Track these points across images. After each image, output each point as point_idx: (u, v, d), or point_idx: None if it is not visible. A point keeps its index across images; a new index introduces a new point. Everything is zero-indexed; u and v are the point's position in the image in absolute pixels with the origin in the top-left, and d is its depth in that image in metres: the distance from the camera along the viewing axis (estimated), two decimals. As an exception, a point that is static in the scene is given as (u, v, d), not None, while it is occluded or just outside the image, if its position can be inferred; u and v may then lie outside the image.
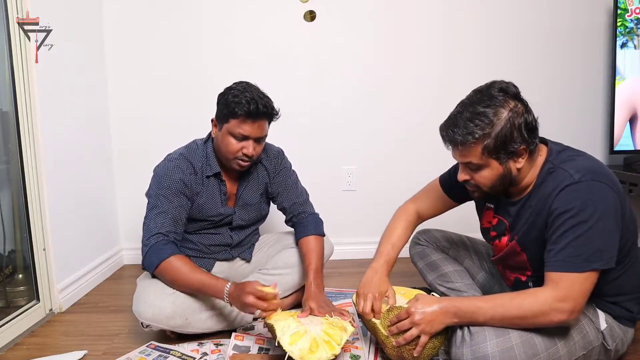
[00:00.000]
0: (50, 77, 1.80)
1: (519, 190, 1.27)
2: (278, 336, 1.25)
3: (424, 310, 1.21)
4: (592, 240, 1.11)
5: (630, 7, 2.26)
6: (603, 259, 1.12)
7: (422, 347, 1.22)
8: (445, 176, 1.53)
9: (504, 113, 1.15)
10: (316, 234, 1.68)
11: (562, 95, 2.40)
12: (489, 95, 1.18)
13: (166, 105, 2.31)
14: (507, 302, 1.17)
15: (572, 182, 1.14)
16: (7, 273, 1.76)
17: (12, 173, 1.74)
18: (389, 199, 2.43)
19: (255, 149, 1.53)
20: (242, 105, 1.46)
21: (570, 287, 1.11)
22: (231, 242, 1.71)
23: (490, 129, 1.15)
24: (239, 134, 1.49)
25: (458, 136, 1.17)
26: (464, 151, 1.20)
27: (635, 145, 2.32)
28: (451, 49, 2.36)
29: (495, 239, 1.37)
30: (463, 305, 1.21)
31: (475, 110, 1.17)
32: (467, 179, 1.26)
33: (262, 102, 1.49)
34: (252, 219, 1.73)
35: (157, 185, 1.54)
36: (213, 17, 2.29)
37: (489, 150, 1.17)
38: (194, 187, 1.57)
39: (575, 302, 1.11)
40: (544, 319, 1.14)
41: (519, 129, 1.16)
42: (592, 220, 1.10)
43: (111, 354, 1.47)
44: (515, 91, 1.19)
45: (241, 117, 1.47)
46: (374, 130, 2.39)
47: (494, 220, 1.37)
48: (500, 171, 1.20)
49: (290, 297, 1.71)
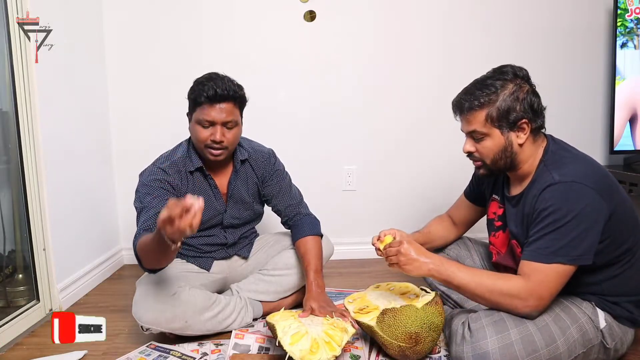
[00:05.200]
0: (50, 77, 1.80)
1: (519, 179, 1.33)
2: (279, 336, 1.25)
3: (409, 253, 1.30)
4: (564, 236, 1.16)
5: (630, 7, 2.26)
6: (570, 255, 1.16)
7: (389, 262, 1.34)
8: (467, 187, 1.61)
9: (510, 85, 1.25)
10: (313, 234, 1.67)
11: (562, 95, 2.40)
12: (500, 71, 1.28)
13: (166, 105, 2.31)
14: (484, 276, 1.25)
15: (552, 183, 1.20)
16: (7, 273, 1.76)
17: (12, 173, 1.74)
18: (389, 199, 2.45)
19: (224, 135, 1.51)
20: (203, 92, 1.47)
21: (539, 282, 1.17)
22: (226, 242, 1.71)
23: (495, 97, 1.24)
24: (204, 120, 1.49)
25: (465, 102, 1.27)
26: (468, 116, 1.28)
27: (635, 145, 2.32)
28: (451, 49, 2.37)
29: (499, 230, 1.42)
30: (445, 266, 1.28)
31: (484, 82, 1.27)
32: (472, 151, 1.32)
33: (224, 85, 1.48)
34: (245, 218, 1.72)
35: (141, 188, 1.51)
36: (213, 17, 2.29)
37: (492, 118, 1.24)
38: (181, 186, 1.56)
39: (540, 298, 1.17)
40: (507, 302, 1.20)
41: (522, 102, 1.24)
42: (566, 218, 1.15)
43: (111, 354, 1.47)
44: (525, 74, 1.28)
45: (204, 103, 1.48)
46: (374, 130, 2.39)
47: (499, 210, 1.42)
48: (502, 142, 1.26)
49: (291, 298, 1.72)
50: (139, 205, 1.49)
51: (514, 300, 1.19)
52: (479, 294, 1.23)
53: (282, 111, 2.35)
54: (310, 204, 1.81)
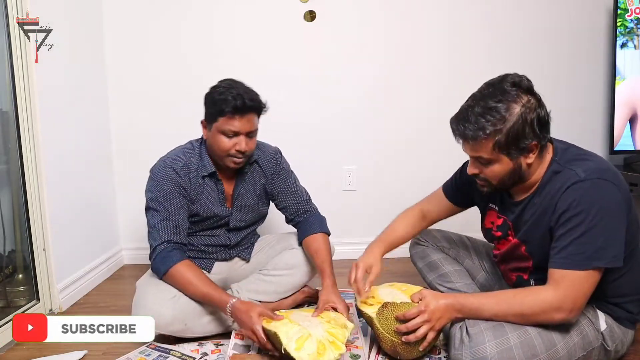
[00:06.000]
0: (50, 77, 1.80)
1: (525, 188, 1.27)
2: (284, 343, 1.23)
3: (433, 309, 1.22)
4: (595, 238, 1.11)
5: (630, 7, 2.26)
6: (606, 257, 1.12)
7: (428, 343, 1.25)
8: (448, 184, 1.54)
9: (517, 108, 1.14)
10: (323, 231, 1.70)
11: (562, 95, 2.40)
12: (502, 89, 1.16)
13: (166, 105, 2.31)
14: (510, 299, 1.19)
15: (578, 180, 1.14)
16: (7, 273, 1.76)
17: (12, 173, 1.74)
18: (389, 199, 2.45)
19: (247, 145, 1.52)
20: (228, 102, 1.46)
21: (571, 286, 1.12)
22: (229, 243, 1.71)
23: (502, 125, 1.14)
24: (229, 131, 1.49)
25: (469, 131, 1.16)
26: (474, 146, 1.19)
27: (635, 145, 2.32)
28: (453, 49, 2.36)
29: (500, 239, 1.37)
30: (467, 302, 1.22)
31: (487, 104, 1.15)
32: (477, 173, 1.25)
33: (248, 96, 1.48)
34: (250, 220, 1.73)
35: (155, 187, 1.54)
36: (213, 18, 2.29)
37: (500, 146, 1.16)
38: (191, 188, 1.57)
39: (575, 302, 1.12)
40: (544, 317, 1.15)
41: (531, 124, 1.14)
42: (596, 218, 1.10)
43: (111, 354, 1.47)
44: (528, 85, 1.17)
45: (229, 113, 1.47)
46: (375, 130, 2.39)
47: (498, 220, 1.37)
48: (510, 166, 1.19)
49: (291, 298, 1.72)
50: (153, 206, 1.53)
51: (549, 313, 1.14)
52: (512, 320, 1.18)
53: (282, 111, 2.34)
54: (310, 204, 1.81)
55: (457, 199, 1.51)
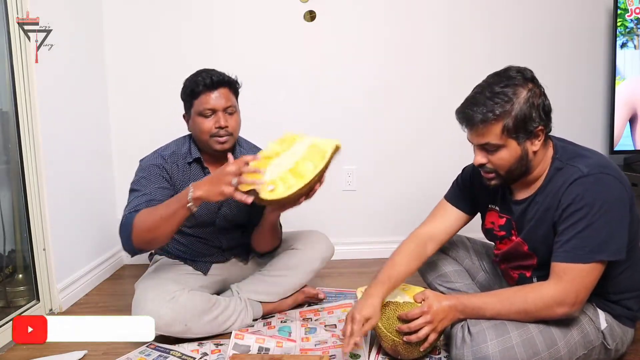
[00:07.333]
0: (50, 78, 1.80)
1: (527, 185, 1.28)
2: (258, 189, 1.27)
3: (436, 310, 1.22)
4: (599, 231, 1.12)
5: (630, 7, 2.26)
6: (608, 250, 1.13)
7: (429, 344, 1.25)
8: (450, 192, 1.51)
9: (523, 92, 1.16)
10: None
11: (562, 95, 2.39)
12: (507, 76, 1.19)
13: (166, 105, 2.30)
14: (512, 297, 1.20)
15: (581, 176, 1.15)
16: (7, 273, 1.76)
17: (12, 173, 1.74)
18: (389, 199, 2.45)
19: (227, 121, 1.53)
20: (198, 82, 1.52)
21: (574, 280, 1.13)
22: (221, 245, 1.69)
23: (510, 107, 1.15)
24: (205, 110, 1.51)
25: (478, 114, 1.16)
26: (483, 130, 1.18)
27: (635, 145, 2.32)
28: (453, 49, 2.36)
29: (503, 239, 1.37)
30: (470, 302, 1.23)
31: (493, 90, 1.17)
32: (484, 163, 1.24)
33: (216, 73, 1.54)
34: (239, 219, 1.68)
35: (140, 171, 1.56)
36: (213, 18, 2.29)
37: (509, 129, 1.16)
38: (177, 174, 1.58)
39: (577, 295, 1.13)
40: (546, 312, 1.16)
41: (537, 108, 1.17)
42: (600, 212, 1.12)
43: (111, 354, 1.47)
44: (531, 75, 1.20)
45: (201, 93, 1.51)
46: (375, 130, 2.39)
47: (500, 220, 1.37)
48: (518, 152, 1.19)
49: (291, 298, 1.72)
50: (134, 187, 1.53)
51: (552, 307, 1.15)
52: (515, 318, 1.18)
53: (282, 111, 2.35)
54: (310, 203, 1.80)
55: (464, 204, 1.46)
